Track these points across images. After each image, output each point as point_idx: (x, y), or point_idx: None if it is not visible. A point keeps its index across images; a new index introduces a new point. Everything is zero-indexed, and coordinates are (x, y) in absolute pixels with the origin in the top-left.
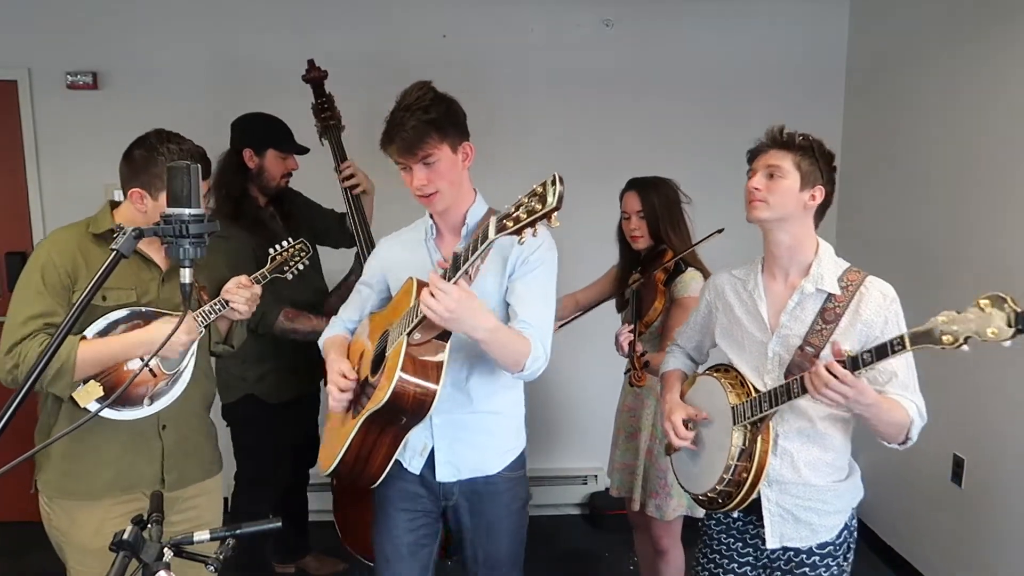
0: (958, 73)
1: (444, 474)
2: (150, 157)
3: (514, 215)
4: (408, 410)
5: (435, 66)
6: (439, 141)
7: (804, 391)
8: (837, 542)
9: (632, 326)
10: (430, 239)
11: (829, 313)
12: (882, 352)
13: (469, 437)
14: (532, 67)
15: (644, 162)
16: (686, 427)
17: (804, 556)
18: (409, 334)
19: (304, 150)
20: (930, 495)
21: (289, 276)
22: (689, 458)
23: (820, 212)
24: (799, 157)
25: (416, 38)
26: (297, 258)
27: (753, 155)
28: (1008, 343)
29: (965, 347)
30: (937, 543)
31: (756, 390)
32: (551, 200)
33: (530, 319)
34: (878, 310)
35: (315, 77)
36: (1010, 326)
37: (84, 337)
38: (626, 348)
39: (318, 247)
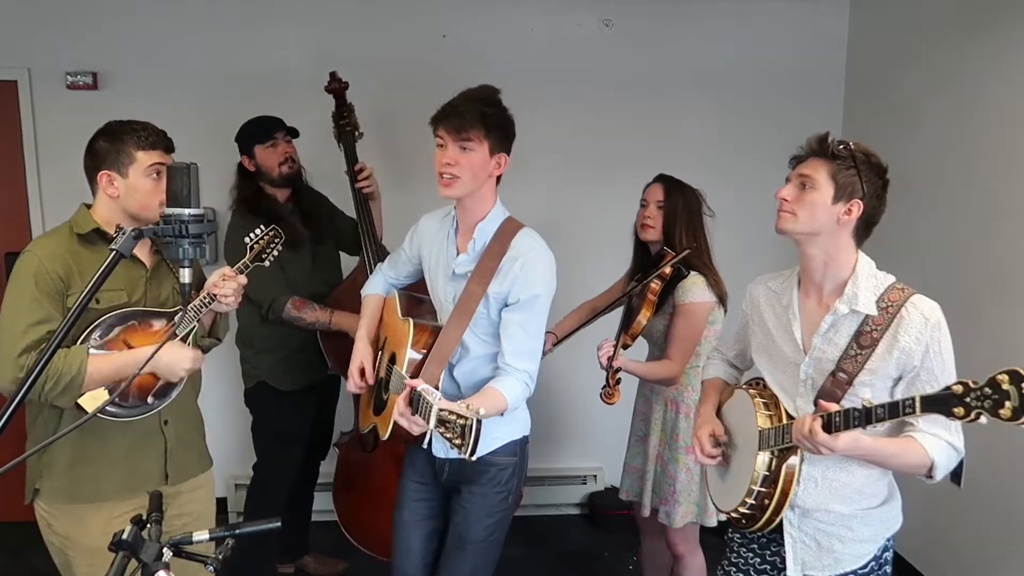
0: (959, 73)
1: (437, 449)
2: (116, 138)
3: None
4: (405, 439)
5: (435, 66)
6: (483, 136)
7: None
8: (863, 573)
9: (615, 340)
10: (451, 230)
11: (865, 337)
12: (894, 411)
13: None
14: (532, 67)
15: (644, 162)
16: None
17: None
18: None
19: (289, 131)
20: (929, 495)
21: (267, 263)
22: (719, 474)
23: (864, 229)
24: (836, 167)
25: (416, 38)
26: (273, 244)
27: (795, 163)
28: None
29: (981, 420)
30: (936, 543)
31: (789, 416)
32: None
33: (514, 361)
34: (918, 337)
35: (337, 89)
36: (1020, 411)
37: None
38: (604, 362)
39: None
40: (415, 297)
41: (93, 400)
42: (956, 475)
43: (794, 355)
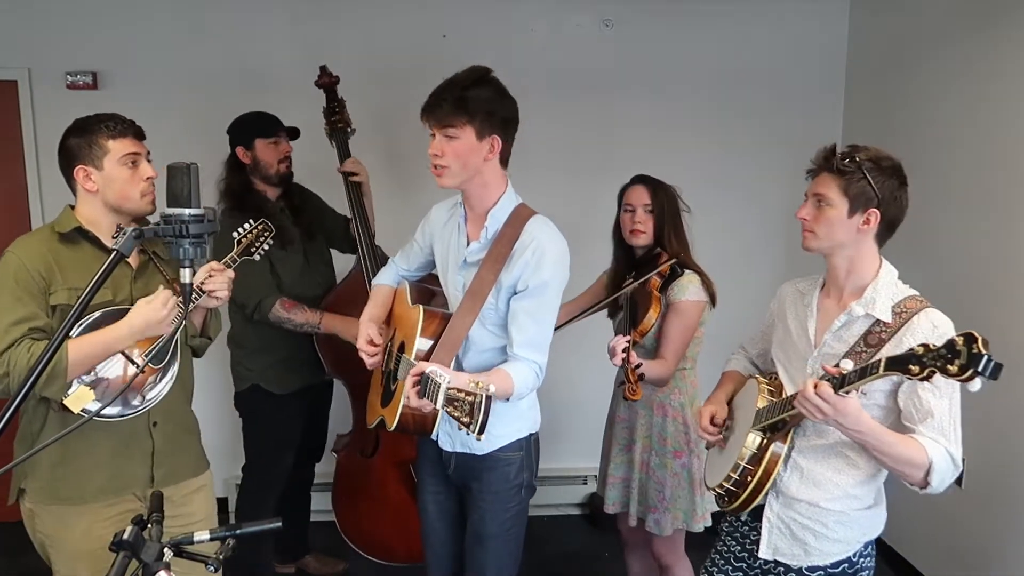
0: (959, 72)
1: (443, 442)
2: (86, 132)
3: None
4: (411, 429)
5: (435, 66)
6: (465, 122)
7: None
8: (832, 571)
9: (627, 336)
10: (461, 220)
11: (873, 337)
12: (863, 373)
13: None
14: (532, 67)
15: (644, 162)
16: (713, 423)
17: (794, 574)
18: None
19: (293, 132)
20: (930, 496)
21: (256, 257)
22: (717, 452)
23: (887, 231)
24: (846, 182)
25: (416, 38)
26: (262, 238)
27: (812, 176)
28: (970, 385)
29: (929, 382)
30: (937, 543)
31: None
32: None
33: (523, 351)
34: (923, 341)
35: (327, 83)
36: (965, 368)
37: (69, 337)
38: (620, 359)
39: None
40: (427, 289)
41: (78, 400)
42: (958, 476)
43: (805, 350)
